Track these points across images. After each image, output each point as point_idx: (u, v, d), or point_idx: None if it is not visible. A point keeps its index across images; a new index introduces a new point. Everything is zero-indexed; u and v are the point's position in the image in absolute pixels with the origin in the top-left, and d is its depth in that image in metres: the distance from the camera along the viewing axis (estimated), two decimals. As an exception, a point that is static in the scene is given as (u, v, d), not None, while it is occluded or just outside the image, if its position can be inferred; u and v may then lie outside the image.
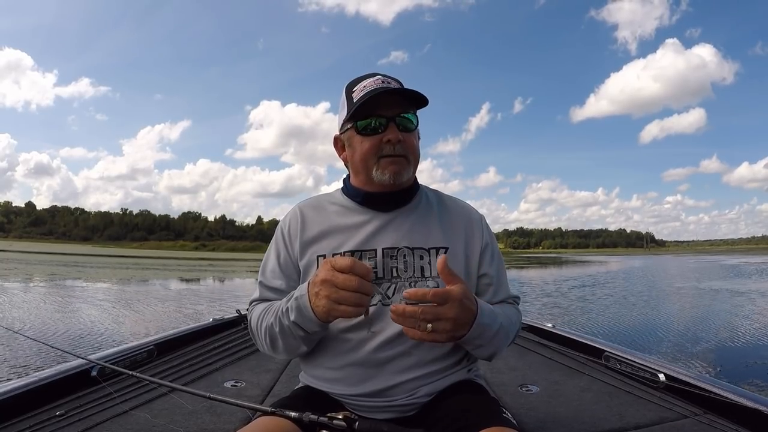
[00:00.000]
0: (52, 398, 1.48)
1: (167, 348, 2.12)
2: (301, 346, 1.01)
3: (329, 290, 0.86)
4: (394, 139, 1.01)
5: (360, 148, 1.05)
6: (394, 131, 1.02)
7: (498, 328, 0.98)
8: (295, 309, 0.94)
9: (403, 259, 1.04)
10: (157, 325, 7.74)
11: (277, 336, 1.00)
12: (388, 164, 1.03)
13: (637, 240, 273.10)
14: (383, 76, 1.06)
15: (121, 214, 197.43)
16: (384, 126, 1.02)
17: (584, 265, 41.51)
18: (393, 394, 1.00)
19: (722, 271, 26.44)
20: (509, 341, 1.07)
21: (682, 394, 1.58)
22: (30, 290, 13.04)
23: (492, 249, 1.12)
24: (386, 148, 1.02)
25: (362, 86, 1.04)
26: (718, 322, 8.67)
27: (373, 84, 1.03)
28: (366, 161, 1.04)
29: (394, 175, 1.03)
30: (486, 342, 0.97)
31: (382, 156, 1.03)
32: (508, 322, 1.04)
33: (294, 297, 0.95)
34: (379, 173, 1.04)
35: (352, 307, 0.85)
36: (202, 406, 1.50)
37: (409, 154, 1.05)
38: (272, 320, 1.00)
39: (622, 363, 1.90)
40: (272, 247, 1.14)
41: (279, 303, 1.01)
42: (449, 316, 0.86)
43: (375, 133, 1.03)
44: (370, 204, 1.09)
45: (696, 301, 12.62)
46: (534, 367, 2.08)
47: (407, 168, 1.05)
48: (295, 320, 0.94)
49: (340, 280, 0.85)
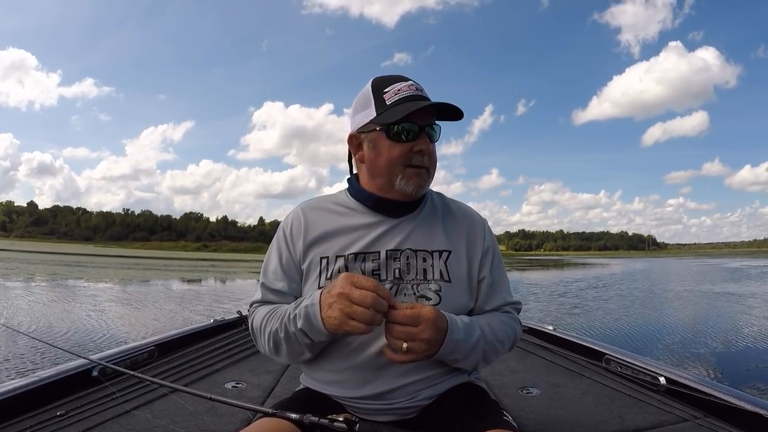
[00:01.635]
0: (53, 398, 1.48)
1: (168, 348, 2.12)
2: (305, 353, 1.00)
3: (343, 304, 0.86)
4: (426, 150, 1.01)
5: (388, 153, 1.02)
6: (425, 142, 1.01)
7: (476, 340, 0.98)
8: (303, 317, 0.93)
9: (406, 261, 1.03)
10: (158, 326, 7.75)
11: (281, 341, 0.99)
12: (413, 175, 1.02)
13: (639, 243, 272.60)
14: (414, 82, 1.04)
15: (123, 214, 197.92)
16: (416, 135, 1.01)
17: (585, 267, 41.42)
18: (394, 397, 1.00)
19: (724, 274, 26.36)
20: (497, 351, 1.06)
21: (683, 398, 1.58)
22: (32, 290, 13.06)
23: (493, 253, 1.12)
24: (415, 158, 1.01)
25: (396, 89, 1.01)
26: (720, 325, 8.65)
27: (407, 90, 1.01)
28: (392, 167, 1.02)
29: (417, 188, 1.03)
30: (463, 356, 0.97)
31: (408, 165, 1.02)
32: (492, 334, 1.03)
33: (303, 305, 0.94)
34: (403, 182, 1.02)
35: (363, 324, 0.85)
36: (202, 406, 1.50)
37: (431, 167, 1.05)
38: (277, 325, 0.99)
39: (623, 366, 1.90)
40: (273, 248, 1.12)
41: (284, 308, 1.00)
42: (423, 337, 0.89)
43: (406, 140, 1.01)
44: (380, 209, 1.08)
45: (697, 304, 12.59)
46: (534, 369, 2.08)
47: (428, 180, 1.06)
48: (302, 328, 0.93)
49: (356, 294, 0.85)
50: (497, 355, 1.07)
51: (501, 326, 1.07)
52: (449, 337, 0.93)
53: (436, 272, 1.03)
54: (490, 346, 1.02)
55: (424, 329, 0.89)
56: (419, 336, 0.89)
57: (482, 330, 1.00)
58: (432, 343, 0.91)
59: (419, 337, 0.89)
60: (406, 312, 0.88)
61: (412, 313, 0.89)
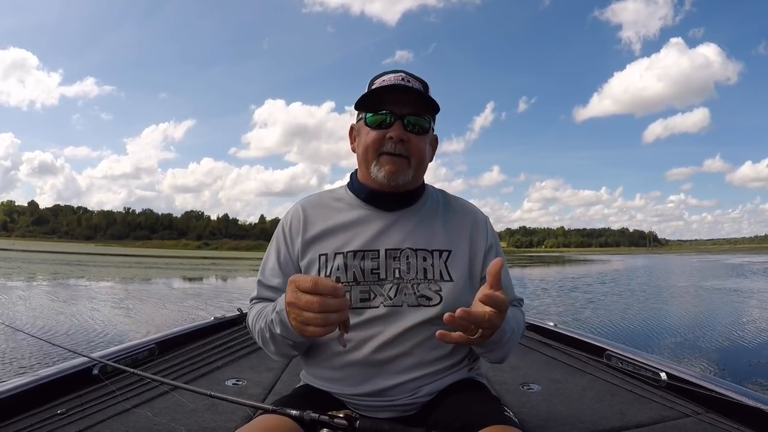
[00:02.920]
0: (53, 396, 1.48)
1: (169, 346, 2.12)
2: (291, 351, 1.01)
3: (295, 313, 0.83)
4: (396, 137, 1.01)
5: (365, 139, 1.04)
6: (398, 129, 1.01)
7: (510, 332, 0.98)
8: (278, 323, 0.93)
9: (406, 260, 1.03)
10: (158, 324, 7.75)
11: (268, 341, 1.00)
12: (386, 162, 1.02)
13: (640, 239, 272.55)
14: (406, 74, 1.05)
15: (123, 213, 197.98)
16: (392, 122, 1.02)
17: (586, 264, 41.44)
18: (394, 394, 1.00)
19: (725, 270, 26.35)
20: (515, 343, 1.06)
21: (684, 393, 1.58)
22: (33, 289, 13.07)
23: (496, 251, 1.12)
24: (388, 144, 1.02)
25: (382, 79, 1.05)
26: (721, 321, 8.64)
27: (393, 79, 1.03)
28: (367, 153, 1.04)
29: (389, 174, 1.02)
30: (499, 346, 0.96)
31: (382, 152, 1.03)
32: (517, 326, 1.04)
33: (275, 310, 0.93)
34: (376, 169, 1.03)
35: (320, 328, 0.81)
36: (203, 404, 1.50)
37: (411, 156, 1.03)
38: (262, 325, 1.00)
39: (624, 362, 1.90)
40: (273, 245, 1.13)
41: (268, 308, 1.01)
42: (496, 324, 0.84)
43: (381, 127, 1.02)
44: (374, 202, 1.08)
45: (699, 300, 12.58)
46: (535, 365, 2.08)
47: (406, 170, 1.04)
48: (281, 333, 0.94)
49: (302, 302, 0.80)
50: (515, 346, 1.05)
51: (520, 320, 1.08)
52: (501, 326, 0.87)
53: (436, 272, 1.03)
54: (515, 337, 1.03)
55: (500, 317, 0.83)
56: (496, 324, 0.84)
57: (511, 322, 0.99)
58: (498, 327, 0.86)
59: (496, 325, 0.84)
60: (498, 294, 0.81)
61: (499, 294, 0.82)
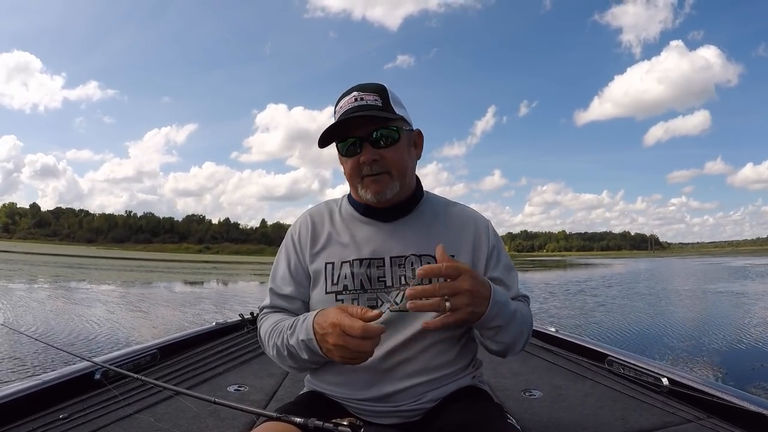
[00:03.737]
0: (56, 401, 1.49)
1: (171, 351, 2.13)
2: (313, 367, 1.05)
3: (342, 352, 0.86)
4: (367, 159, 1.02)
5: (345, 168, 1.08)
6: (367, 152, 1.02)
7: (514, 310, 0.97)
8: (305, 350, 0.95)
9: (411, 267, 1.05)
10: (160, 328, 7.77)
11: (286, 358, 1.02)
12: (370, 183, 1.04)
13: (642, 242, 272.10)
14: (359, 92, 1.03)
15: (125, 216, 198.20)
16: (360, 146, 1.03)
17: (588, 267, 41.38)
18: (398, 400, 1.01)
19: (727, 273, 26.29)
20: (525, 336, 1.04)
21: (686, 398, 1.58)
22: (34, 291, 13.11)
23: (498, 251, 1.12)
24: (365, 168, 1.03)
25: (339, 107, 1.04)
26: (724, 324, 8.64)
27: (347, 104, 1.03)
28: (352, 180, 1.07)
29: (376, 194, 1.04)
30: (506, 323, 0.94)
31: (363, 176, 1.04)
32: (521, 312, 1.02)
33: (299, 338, 0.95)
34: (363, 192, 1.06)
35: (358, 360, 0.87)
36: (206, 410, 1.50)
37: (391, 169, 1.04)
38: (279, 343, 1.01)
39: (625, 367, 1.91)
40: (282, 253, 1.15)
41: (284, 325, 1.02)
42: (465, 288, 0.84)
43: (353, 154, 1.04)
44: (372, 215, 1.11)
45: (701, 303, 12.57)
46: (537, 371, 2.08)
47: (390, 184, 1.05)
48: (309, 359, 0.96)
49: (353, 345, 0.84)
50: (522, 337, 1.04)
51: (525, 310, 1.07)
52: (494, 298, 0.89)
53: (440, 277, 1.04)
54: (522, 322, 1.01)
55: (464, 279, 0.84)
56: (461, 287, 0.84)
57: (516, 306, 1.00)
58: (475, 297, 0.86)
59: (461, 288, 0.84)
60: (446, 265, 0.84)
61: (449, 265, 0.84)
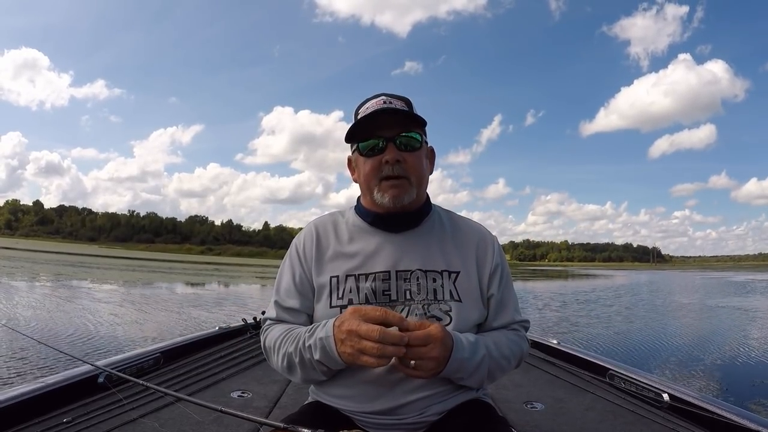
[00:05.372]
0: (59, 404, 1.49)
1: (174, 355, 2.14)
2: (320, 377, 1.03)
3: (353, 341, 0.89)
4: (391, 159, 1.02)
5: (363, 169, 1.07)
6: (392, 151, 1.03)
7: (480, 358, 0.99)
8: (319, 349, 0.95)
9: (416, 281, 1.05)
10: (162, 331, 7.77)
11: (296, 366, 1.02)
12: (389, 187, 1.04)
13: (644, 254, 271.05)
14: (387, 96, 1.06)
15: (128, 215, 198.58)
16: (384, 146, 1.04)
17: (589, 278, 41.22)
18: (403, 413, 1.01)
19: (729, 288, 26.16)
20: (503, 369, 1.07)
21: (686, 415, 1.59)
22: (36, 290, 13.12)
23: (502, 271, 1.13)
24: (386, 168, 1.04)
25: (365, 108, 1.06)
26: (725, 340, 8.59)
27: (375, 105, 1.04)
28: (368, 182, 1.06)
29: (394, 199, 1.04)
30: (467, 374, 0.99)
31: (383, 178, 1.05)
32: (498, 353, 1.04)
33: (318, 336, 0.96)
34: (379, 195, 1.05)
35: (375, 359, 0.87)
36: (210, 416, 1.50)
37: (410, 176, 1.05)
38: (291, 350, 1.01)
39: (626, 382, 1.91)
40: (286, 264, 1.14)
41: (298, 331, 1.02)
42: (432, 356, 0.91)
43: (375, 154, 1.04)
44: (381, 225, 1.10)
45: (702, 318, 12.50)
46: (539, 384, 2.09)
47: (409, 190, 1.05)
48: (320, 359, 0.96)
49: (363, 330, 0.87)
50: (503, 372, 1.08)
51: (508, 344, 1.08)
52: (453, 356, 0.95)
53: (446, 292, 1.05)
54: (496, 364, 1.04)
55: (433, 348, 0.91)
56: (428, 355, 0.91)
57: (487, 348, 1.02)
58: (440, 361, 0.93)
59: (428, 356, 0.91)
60: (418, 334, 0.90)
61: (423, 334, 0.91)
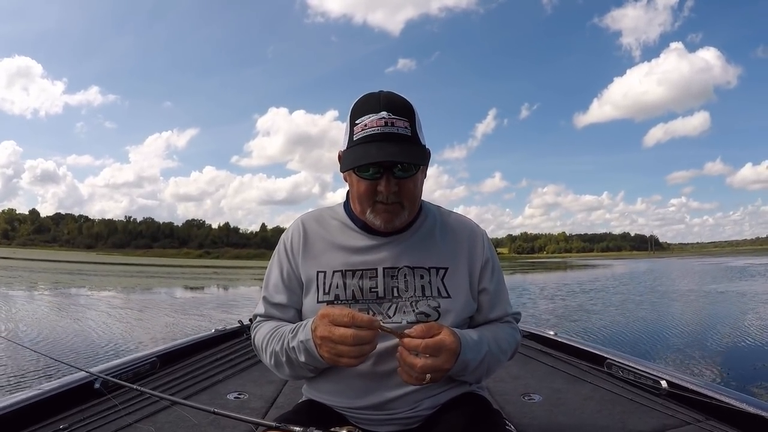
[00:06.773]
0: (55, 411, 1.48)
1: (170, 359, 2.13)
2: (308, 374, 1.03)
3: (329, 346, 0.88)
4: (386, 192, 0.98)
5: (356, 187, 1.02)
6: (388, 184, 0.98)
7: (483, 357, 0.99)
8: (303, 351, 0.95)
9: (403, 278, 1.04)
10: (159, 335, 7.76)
11: (283, 364, 1.01)
12: (381, 211, 1.01)
13: (642, 243, 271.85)
14: (388, 112, 0.96)
15: (125, 221, 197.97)
16: (380, 174, 0.98)
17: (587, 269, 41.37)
18: (395, 407, 1.01)
19: (727, 273, 26.28)
20: (500, 363, 1.07)
21: (685, 401, 1.59)
22: (34, 299, 13.09)
23: (492, 264, 1.12)
24: (380, 196, 1.00)
25: (364, 123, 0.97)
26: (725, 325, 8.65)
27: (374, 125, 0.96)
28: (361, 201, 1.03)
29: (386, 223, 1.02)
30: (469, 373, 0.99)
31: (377, 201, 1.01)
32: (497, 348, 1.04)
33: (299, 339, 0.95)
34: (371, 216, 1.03)
35: (354, 359, 0.87)
36: (206, 419, 1.50)
37: (404, 200, 1.01)
38: (278, 349, 1.00)
39: (624, 370, 1.91)
40: (275, 260, 1.13)
41: (283, 330, 1.01)
42: (446, 368, 0.91)
43: (371, 178, 0.99)
44: (368, 229, 1.08)
45: (701, 303, 12.57)
46: (536, 375, 2.08)
47: (401, 213, 1.02)
48: (306, 361, 0.96)
49: (336, 335, 0.86)
50: (500, 366, 1.08)
51: (505, 337, 1.08)
52: (461, 357, 0.94)
53: (434, 289, 1.04)
54: (495, 359, 1.04)
55: (447, 360, 0.90)
56: (443, 367, 0.90)
57: (489, 345, 1.01)
58: (450, 368, 0.92)
59: (443, 368, 0.90)
60: (429, 342, 0.88)
61: (434, 342, 0.89)
